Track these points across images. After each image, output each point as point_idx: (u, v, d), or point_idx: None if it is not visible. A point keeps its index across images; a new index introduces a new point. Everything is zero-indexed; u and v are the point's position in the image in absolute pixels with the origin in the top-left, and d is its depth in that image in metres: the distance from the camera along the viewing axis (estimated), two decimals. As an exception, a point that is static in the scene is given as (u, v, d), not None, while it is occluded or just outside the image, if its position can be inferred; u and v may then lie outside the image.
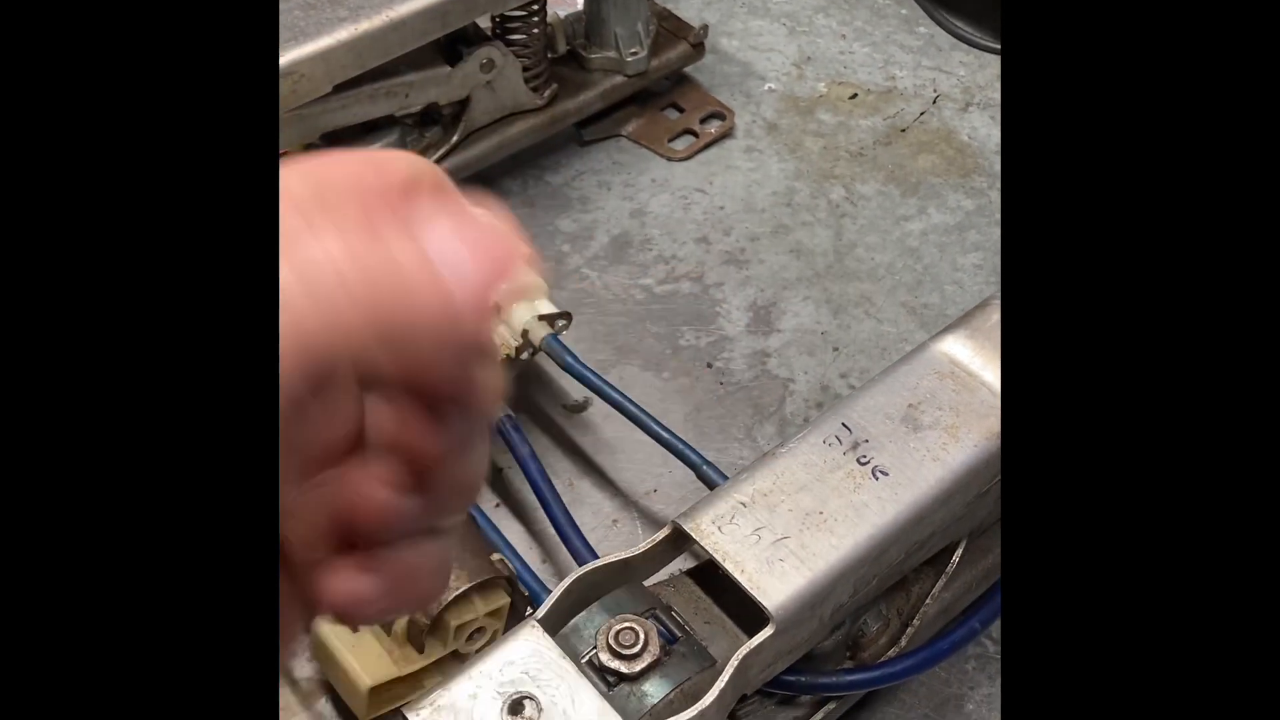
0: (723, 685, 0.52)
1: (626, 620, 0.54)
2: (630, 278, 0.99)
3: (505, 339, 0.78)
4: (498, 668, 0.51)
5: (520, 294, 0.26)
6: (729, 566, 0.55)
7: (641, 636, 0.53)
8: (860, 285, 0.98)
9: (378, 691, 0.61)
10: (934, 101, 1.16)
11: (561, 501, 0.72)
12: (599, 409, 0.87)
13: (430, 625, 0.61)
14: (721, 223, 1.04)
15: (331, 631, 0.62)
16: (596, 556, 0.60)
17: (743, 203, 1.06)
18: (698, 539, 0.56)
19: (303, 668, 0.74)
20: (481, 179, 1.04)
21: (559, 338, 0.79)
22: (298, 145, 0.89)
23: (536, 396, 0.89)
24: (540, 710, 0.50)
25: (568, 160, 1.10)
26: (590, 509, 0.83)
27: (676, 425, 0.88)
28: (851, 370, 0.92)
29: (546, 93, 1.02)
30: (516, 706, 0.50)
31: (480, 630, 0.64)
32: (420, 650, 0.62)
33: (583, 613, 0.55)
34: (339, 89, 0.86)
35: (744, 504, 0.58)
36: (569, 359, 0.78)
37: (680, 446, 0.76)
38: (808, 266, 1.00)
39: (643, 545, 0.57)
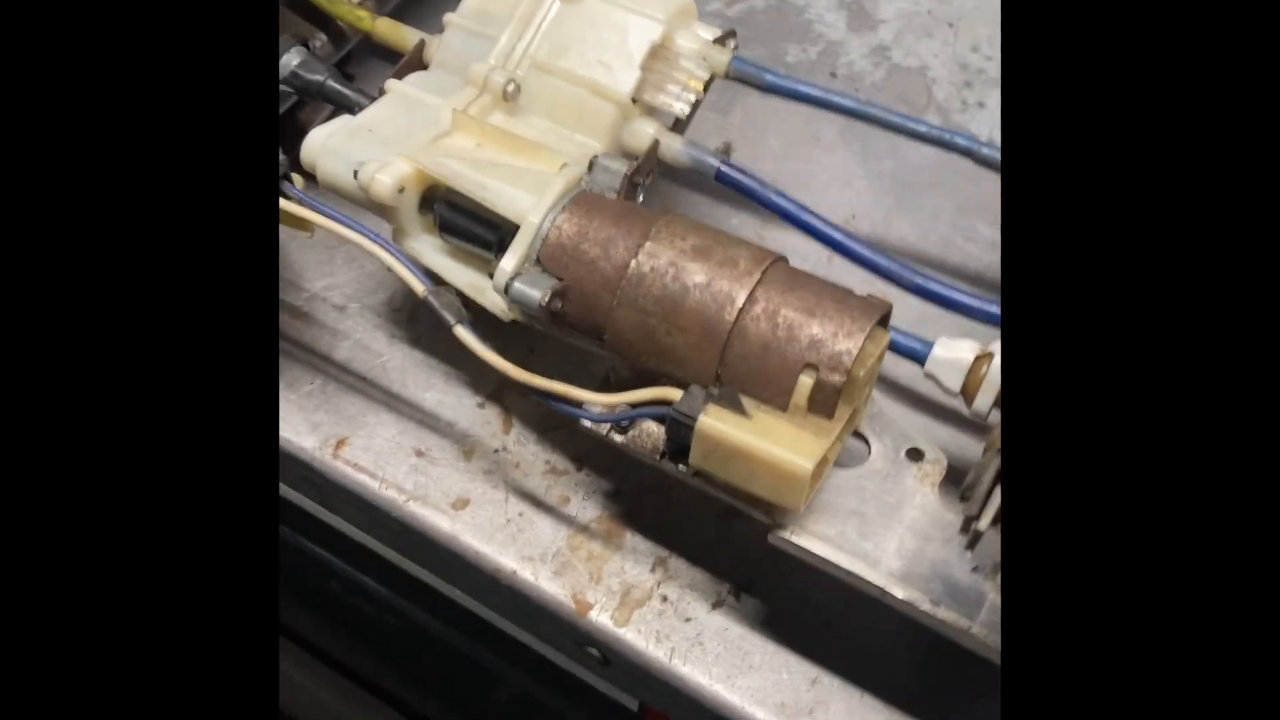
0: None
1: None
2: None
3: (693, 72, 0.65)
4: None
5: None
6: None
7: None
8: (938, -44, 0.89)
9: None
10: None
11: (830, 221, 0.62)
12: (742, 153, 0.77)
13: (843, 385, 0.51)
14: (758, -75, 0.91)
15: (731, 428, 0.50)
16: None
17: (768, -100, 0.93)
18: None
19: (584, 510, 0.62)
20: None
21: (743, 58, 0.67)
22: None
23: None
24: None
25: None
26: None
27: (832, 138, 0.78)
28: (980, 42, 0.84)
29: None
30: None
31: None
32: (830, 416, 0.52)
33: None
34: None
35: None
36: (769, 77, 0.66)
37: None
38: (875, -51, 0.90)
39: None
